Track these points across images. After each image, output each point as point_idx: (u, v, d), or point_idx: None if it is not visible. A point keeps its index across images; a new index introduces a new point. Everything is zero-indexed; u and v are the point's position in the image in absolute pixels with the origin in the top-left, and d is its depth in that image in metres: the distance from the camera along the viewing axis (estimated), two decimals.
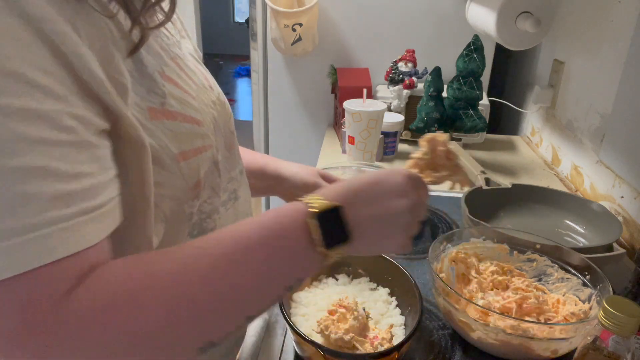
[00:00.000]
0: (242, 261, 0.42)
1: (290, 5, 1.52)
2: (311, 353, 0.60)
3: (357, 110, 1.17)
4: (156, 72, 0.46)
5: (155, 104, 0.45)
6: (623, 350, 0.49)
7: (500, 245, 0.78)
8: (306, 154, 1.78)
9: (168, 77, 0.48)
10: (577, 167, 1.22)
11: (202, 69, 0.59)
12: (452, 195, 1.13)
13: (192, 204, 0.50)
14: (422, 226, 0.99)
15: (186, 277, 0.39)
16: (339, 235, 0.46)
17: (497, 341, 0.62)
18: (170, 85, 0.48)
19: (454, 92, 1.26)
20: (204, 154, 0.51)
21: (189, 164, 0.48)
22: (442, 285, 0.66)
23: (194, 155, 0.49)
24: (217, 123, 0.55)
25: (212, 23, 6.65)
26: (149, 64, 0.46)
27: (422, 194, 0.53)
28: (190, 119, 0.49)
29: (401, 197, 0.50)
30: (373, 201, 0.49)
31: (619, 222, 0.88)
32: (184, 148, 0.48)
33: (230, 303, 0.41)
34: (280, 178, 0.75)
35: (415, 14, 1.59)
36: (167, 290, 0.38)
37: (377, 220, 0.49)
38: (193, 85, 0.52)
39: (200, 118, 0.51)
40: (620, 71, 1.03)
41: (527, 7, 1.14)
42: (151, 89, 0.45)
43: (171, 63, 0.50)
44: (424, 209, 0.54)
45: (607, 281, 0.66)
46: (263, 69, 1.73)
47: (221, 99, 0.59)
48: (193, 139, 0.49)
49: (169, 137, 0.46)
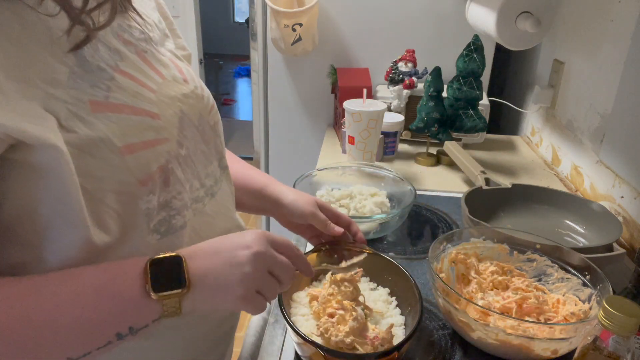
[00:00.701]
0: (69, 303, 0.44)
1: (290, 5, 1.52)
2: (311, 353, 0.60)
3: (357, 110, 1.17)
4: (108, 66, 0.48)
5: (99, 97, 0.46)
6: (623, 350, 0.49)
7: (501, 245, 0.78)
8: (306, 154, 1.78)
9: (123, 71, 0.49)
10: (577, 167, 1.22)
11: (180, 64, 0.59)
12: (452, 195, 1.13)
13: (147, 199, 0.49)
14: (422, 227, 0.99)
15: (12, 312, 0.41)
16: (172, 281, 0.47)
17: (497, 341, 0.63)
18: (124, 78, 0.49)
19: (454, 92, 1.26)
20: (157, 147, 0.50)
21: (136, 158, 0.48)
22: (442, 285, 0.66)
23: (143, 149, 0.48)
24: (184, 116, 0.55)
25: (212, 23, 6.65)
26: (100, 59, 0.48)
27: (279, 250, 0.53)
28: (141, 111, 0.49)
29: (244, 249, 0.51)
30: (214, 253, 0.51)
31: (619, 222, 0.88)
32: (130, 141, 0.47)
33: (51, 343, 0.43)
34: (278, 203, 0.75)
35: (415, 14, 1.59)
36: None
37: (215, 271, 0.50)
38: (158, 79, 0.53)
39: (157, 111, 0.51)
40: (620, 71, 1.03)
41: (527, 7, 1.14)
42: (95, 83, 0.46)
43: (134, 57, 0.52)
44: (279, 265, 0.53)
45: (607, 281, 0.66)
46: (263, 69, 1.73)
47: (197, 92, 0.59)
48: (143, 132, 0.49)
49: (113, 129, 0.46)
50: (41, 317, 0.42)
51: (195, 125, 0.57)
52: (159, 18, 0.63)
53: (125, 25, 0.53)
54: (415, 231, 1.00)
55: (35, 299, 0.43)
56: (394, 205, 0.99)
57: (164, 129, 0.51)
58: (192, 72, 0.62)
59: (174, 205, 0.53)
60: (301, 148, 1.80)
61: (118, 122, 0.47)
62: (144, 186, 0.49)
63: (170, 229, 0.53)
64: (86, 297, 0.44)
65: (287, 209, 0.74)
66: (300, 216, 0.73)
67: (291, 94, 1.74)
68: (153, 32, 0.58)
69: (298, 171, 1.02)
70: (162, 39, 0.61)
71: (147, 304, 0.46)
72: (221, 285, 0.50)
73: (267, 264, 0.52)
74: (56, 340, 0.43)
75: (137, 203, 0.49)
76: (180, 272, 0.47)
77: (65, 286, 0.44)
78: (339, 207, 0.95)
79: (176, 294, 0.46)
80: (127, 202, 0.48)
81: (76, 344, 0.44)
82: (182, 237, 0.54)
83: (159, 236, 0.52)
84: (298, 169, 1.06)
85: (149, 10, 0.61)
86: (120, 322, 0.46)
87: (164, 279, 0.47)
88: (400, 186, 1.00)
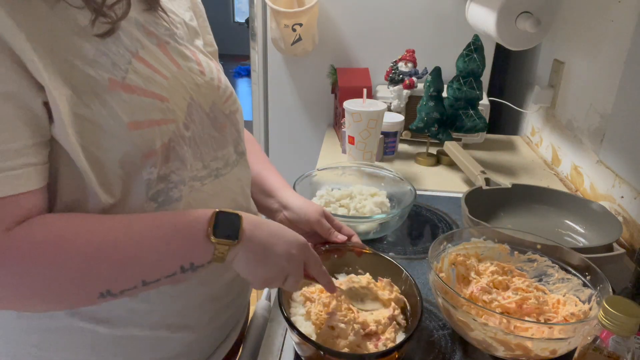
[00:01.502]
0: (148, 236, 0.53)
1: (290, 5, 1.52)
2: (311, 353, 0.60)
3: (357, 110, 1.17)
4: (128, 52, 0.54)
5: (117, 77, 0.52)
6: (623, 350, 0.49)
7: (501, 246, 0.78)
8: (306, 154, 1.78)
9: (141, 57, 0.55)
10: (577, 167, 1.22)
11: (201, 58, 0.65)
12: (452, 195, 1.13)
13: (149, 170, 0.55)
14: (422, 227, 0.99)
15: (103, 238, 0.50)
16: (229, 232, 0.56)
17: (496, 341, 0.62)
18: (141, 64, 0.55)
19: (454, 92, 1.26)
20: (163, 126, 0.55)
21: (141, 134, 0.53)
22: (442, 285, 0.66)
23: (148, 126, 0.54)
24: (194, 103, 0.61)
25: (212, 23, 6.56)
26: (121, 44, 0.54)
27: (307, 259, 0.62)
28: (151, 93, 0.54)
29: (291, 247, 0.60)
30: (271, 236, 0.59)
31: (619, 222, 0.88)
32: (137, 118, 0.53)
33: (131, 266, 0.52)
34: (287, 206, 0.79)
35: (415, 14, 1.59)
36: (86, 246, 0.49)
37: (264, 248, 0.58)
38: (173, 68, 0.59)
39: (167, 95, 0.56)
40: (620, 71, 1.03)
41: (527, 7, 1.14)
42: (116, 62, 0.52)
43: (154, 48, 0.58)
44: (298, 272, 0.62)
45: (607, 281, 0.66)
46: (263, 69, 1.73)
47: (213, 83, 0.65)
48: (150, 112, 0.54)
49: (122, 107, 0.52)
50: (130, 243, 0.52)
51: (206, 112, 0.63)
52: (191, 16, 0.69)
53: (152, 21, 0.59)
54: (415, 231, 1.00)
55: (126, 228, 0.52)
56: (394, 205, 0.99)
57: (171, 112, 0.56)
58: (213, 66, 0.67)
59: (172, 179, 0.58)
60: (301, 148, 1.80)
61: (129, 101, 0.52)
62: (147, 159, 0.54)
63: (167, 200, 0.58)
64: (165, 230, 0.54)
65: (294, 213, 0.78)
66: (307, 222, 0.76)
67: (291, 94, 1.74)
68: (179, 30, 0.64)
69: (298, 171, 1.02)
70: (192, 36, 0.67)
71: (206, 245, 0.54)
72: (263, 261, 0.58)
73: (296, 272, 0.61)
74: (137, 264, 0.52)
75: (139, 173, 0.54)
76: (237, 227, 0.56)
77: (150, 220, 0.54)
78: (339, 207, 0.95)
79: (227, 242, 0.55)
80: (130, 171, 0.54)
81: (152, 270, 0.53)
82: (176, 208, 0.59)
83: (156, 204, 0.57)
84: (298, 169, 1.06)
85: (181, 9, 0.67)
86: (186, 257, 0.54)
87: (224, 228, 0.55)
88: (400, 186, 1.00)
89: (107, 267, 0.50)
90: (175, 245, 0.54)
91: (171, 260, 0.54)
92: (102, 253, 0.50)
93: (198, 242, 0.54)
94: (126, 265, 0.51)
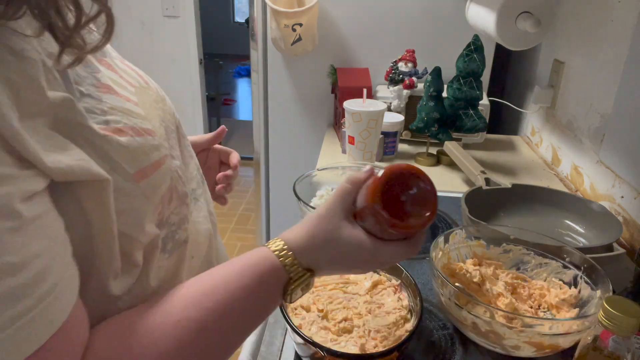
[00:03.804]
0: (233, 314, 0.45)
1: (290, 5, 1.52)
2: (311, 353, 0.60)
3: (357, 110, 1.17)
4: (91, 85, 0.41)
5: (100, 123, 0.39)
6: (623, 350, 0.49)
7: (478, 241, 0.79)
8: (306, 154, 1.78)
9: (104, 85, 0.42)
10: (577, 167, 1.22)
11: (131, 65, 0.52)
12: (452, 195, 1.13)
13: (157, 222, 0.46)
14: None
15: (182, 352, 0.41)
16: (304, 292, 0.51)
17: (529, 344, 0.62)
18: (108, 95, 0.42)
19: (454, 92, 1.26)
20: (162, 166, 0.45)
21: (149, 182, 0.43)
22: (442, 278, 0.66)
23: (153, 172, 0.43)
24: (165, 124, 0.49)
25: (212, 23, 6.65)
26: (82, 79, 0.40)
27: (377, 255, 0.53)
28: (140, 130, 0.43)
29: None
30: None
31: (619, 222, 0.88)
32: (141, 165, 0.42)
33: (220, 352, 0.45)
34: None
35: (415, 14, 1.59)
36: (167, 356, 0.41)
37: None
38: (131, 88, 0.46)
39: (151, 126, 0.44)
40: (620, 71, 1.03)
41: (527, 7, 1.14)
42: (90, 109, 0.39)
43: (101, 67, 0.44)
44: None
45: (607, 280, 0.66)
46: (263, 69, 1.73)
47: (160, 94, 0.52)
48: (149, 153, 0.43)
49: (124, 156, 0.40)
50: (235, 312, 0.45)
51: (171, 130, 0.51)
52: None
53: None
54: None
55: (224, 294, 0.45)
56: None
57: (162, 146, 0.46)
58: (143, 73, 0.53)
59: (174, 221, 0.49)
60: (301, 148, 1.80)
61: (128, 145, 0.41)
62: (157, 210, 0.45)
63: (176, 245, 0.50)
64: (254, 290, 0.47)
65: (194, 142, 0.76)
66: (207, 140, 0.79)
67: (291, 94, 1.74)
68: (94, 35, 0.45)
69: (298, 171, 1.02)
70: None
71: (280, 301, 0.50)
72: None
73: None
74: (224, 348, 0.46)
75: (154, 229, 0.45)
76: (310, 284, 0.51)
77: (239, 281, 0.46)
78: None
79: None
80: (149, 231, 0.44)
81: (249, 329, 0.48)
82: (185, 251, 0.51)
83: (167, 255, 0.49)
84: (298, 169, 1.06)
85: None
86: (263, 319, 0.50)
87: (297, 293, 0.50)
88: None
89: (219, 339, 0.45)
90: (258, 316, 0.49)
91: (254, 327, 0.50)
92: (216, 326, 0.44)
93: (275, 303, 0.50)
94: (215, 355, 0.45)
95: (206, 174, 0.71)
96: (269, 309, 0.50)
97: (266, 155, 1.86)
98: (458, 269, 0.73)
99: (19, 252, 0.32)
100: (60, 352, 0.35)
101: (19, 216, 0.32)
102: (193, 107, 2.88)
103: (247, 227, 2.91)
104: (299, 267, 0.49)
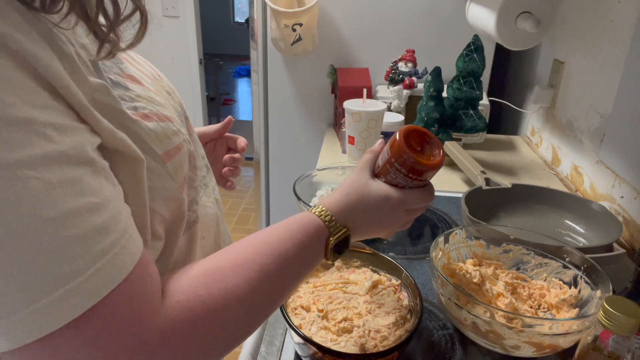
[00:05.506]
0: (284, 271, 0.50)
1: (290, 5, 1.52)
2: (311, 353, 0.60)
3: (357, 110, 1.17)
4: (117, 75, 0.44)
5: (130, 109, 0.43)
6: (623, 350, 0.49)
7: (478, 242, 0.79)
8: (306, 154, 1.78)
9: (128, 75, 0.46)
10: (577, 167, 1.22)
11: (143, 59, 0.55)
12: (452, 195, 1.13)
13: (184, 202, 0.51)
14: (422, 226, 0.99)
15: (248, 288, 0.45)
16: (343, 249, 0.56)
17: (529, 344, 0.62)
18: (133, 84, 0.46)
19: (454, 92, 1.26)
20: (182, 150, 0.50)
21: (173, 163, 0.47)
22: (442, 278, 0.66)
23: (176, 154, 0.48)
24: (177, 114, 0.53)
25: (212, 23, 6.65)
26: (109, 69, 0.43)
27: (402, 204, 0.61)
28: (162, 117, 0.47)
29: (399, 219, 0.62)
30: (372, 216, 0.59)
31: (619, 222, 0.88)
32: (167, 147, 0.47)
33: (275, 303, 0.50)
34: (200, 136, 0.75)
35: (415, 14, 1.59)
36: (241, 304, 0.45)
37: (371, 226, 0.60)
38: (147, 79, 0.50)
39: (169, 114, 0.49)
40: (620, 71, 1.03)
41: (527, 7, 1.14)
42: (121, 96, 0.42)
43: (122, 59, 0.47)
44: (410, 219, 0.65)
45: (607, 280, 0.66)
46: (263, 68, 1.73)
47: (171, 86, 0.57)
48: (171, 137, 0.48)
49: (153, 139, 0.45)
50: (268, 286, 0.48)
51: (183, 120, 0.56)
52: None
53: None
54: (415, 231, 1.00)
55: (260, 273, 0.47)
56: None
57: (180, 131, 0.50)
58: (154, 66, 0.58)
59: None
60: (301, 148, 1.80)
61: (155, 129, 0.45)
62: (182, 189, 0.50)
63: (189, 227, 0.54)
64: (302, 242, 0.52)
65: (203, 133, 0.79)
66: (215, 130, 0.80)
67: (291, 94, 1.74)
68: None
69: (298, 171, 1.02)
70: None
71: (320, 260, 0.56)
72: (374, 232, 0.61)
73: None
74: (278, 301, 0.50)
75: (182, 208, 0.50)
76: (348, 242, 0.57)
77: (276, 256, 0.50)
78: None
79: None
80: (174, 209, 0.49)
81: (287, 296, 0.53)
82: (195, 232, 0.55)
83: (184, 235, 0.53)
84: (298, 169, 1.06)
85: None
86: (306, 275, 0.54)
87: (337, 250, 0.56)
88: None
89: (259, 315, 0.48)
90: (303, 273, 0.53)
91: (299, 282, 0.54)
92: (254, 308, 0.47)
93: (317, 262, 0.55)
94: (272, 306, 0.50)
95: (213, 164, 0.78)
96: (315, 262, 0.55)
97: (266, 156, 1.86)
98: (458, 269, 0.73)
99: (99, 194, 0.36)
100: (143, 279, 0.39)
101: (94, 162, 0.37)
102: (193, 107, 2.88)
103: (247, 227, 2.91)
104: (337, 223, 0.55)
